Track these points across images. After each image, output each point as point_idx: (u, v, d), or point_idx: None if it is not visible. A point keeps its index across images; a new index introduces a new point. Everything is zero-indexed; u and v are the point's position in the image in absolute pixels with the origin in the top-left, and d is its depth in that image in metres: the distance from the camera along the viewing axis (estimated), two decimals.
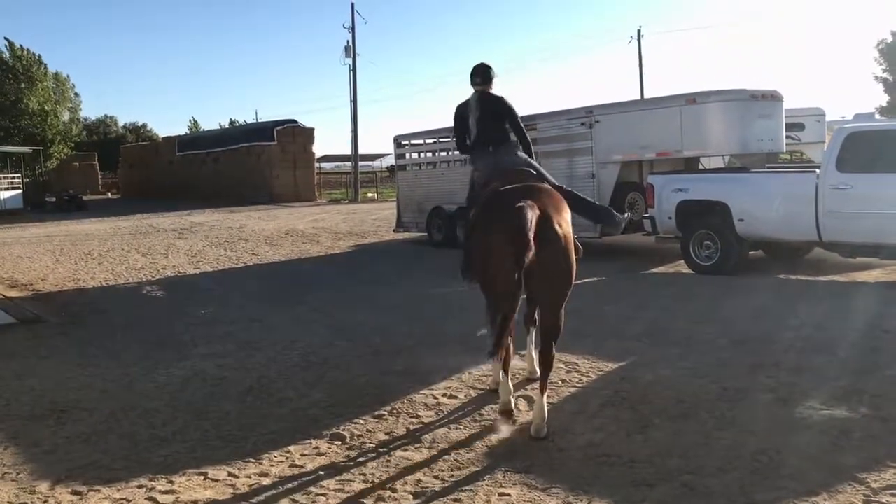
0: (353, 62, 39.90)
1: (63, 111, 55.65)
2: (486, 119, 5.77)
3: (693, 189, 10.82)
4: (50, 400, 5.97)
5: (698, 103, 11.34)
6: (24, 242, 20.35)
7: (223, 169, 41.05)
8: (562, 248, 4.73)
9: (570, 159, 12.79)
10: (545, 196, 4.93)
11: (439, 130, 16.48)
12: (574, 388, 5.82)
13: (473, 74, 5.90)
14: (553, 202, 4.92)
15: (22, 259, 16.15)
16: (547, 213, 4.69)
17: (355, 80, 40.51)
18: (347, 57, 39.62)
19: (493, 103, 5.82)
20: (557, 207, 4.90)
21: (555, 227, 4.70)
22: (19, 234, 23.35)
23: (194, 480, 4.35)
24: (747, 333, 7.18)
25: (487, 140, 5.77)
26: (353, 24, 39.81)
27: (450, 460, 4.54)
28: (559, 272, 4.79)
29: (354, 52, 39.59)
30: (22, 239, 21.68)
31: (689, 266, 10.92)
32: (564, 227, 4.80)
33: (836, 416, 4.93)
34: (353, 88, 40.55)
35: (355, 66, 40.28)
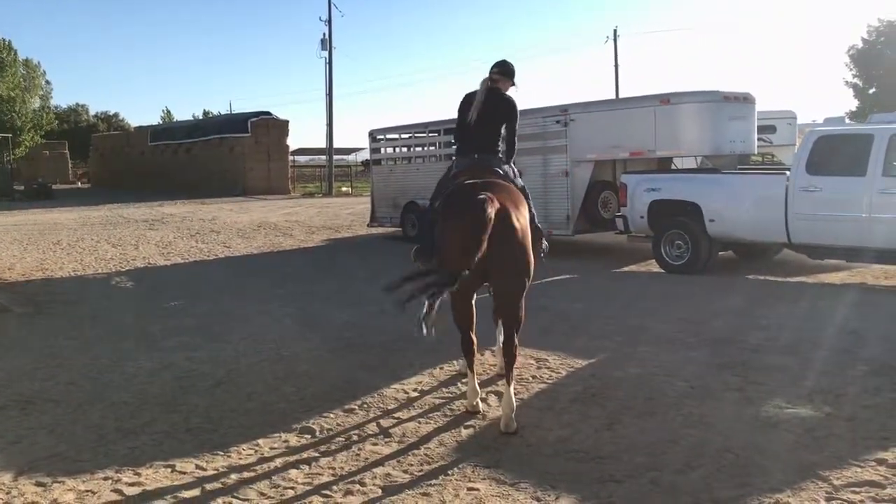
0: (329, 55, 39.78)
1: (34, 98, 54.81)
2: (486, 121, 5.55)
3: (665, 189, 10.91)
4: (15, 391, 5.88)
5: (672, 104, 11.43)
6: None
7: (196, 160, 40.68)
8: (519, 241, 4.81)
9: (545, 157, 12.83)
10: (504, 191, 5.01)
11: (415, 125, 16.48)
12: (544, 384, 5.85)
13: (496, 65, 5.72)
14: (512, 197, 5.01)
15: None
16: (505, 207, 4.75)
17: (331, 74, 40.40)
18: (323, 50, 39.47)
19: (500, 102, 5.62)
20: (516, 202, 4.98)
21: (512, 221, 4.78)
22: None
23: (161, 473, 4.31)
24: (715, 333, 7.26)
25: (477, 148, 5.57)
26: (329, 17, 39.66)
27: (419, 454, 4.55)
28: (517, 264, 4.85)
29: (330, 46, 39.44)
30: None
31: (660, 265, 11.02)
32: (522, 222, 4.88)
33: (800, 415, 5.00)
34: (328, 82, 40.44)
35: (331, 60, 40.17)
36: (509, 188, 5.17)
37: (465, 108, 5.66)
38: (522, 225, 4.89)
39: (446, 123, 14.95)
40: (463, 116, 5.66)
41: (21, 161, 49.74)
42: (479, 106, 5.59)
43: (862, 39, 40.41)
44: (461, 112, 5.70)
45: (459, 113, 5.72)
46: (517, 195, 5.13)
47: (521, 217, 4.90)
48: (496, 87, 5.68)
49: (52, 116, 56.50)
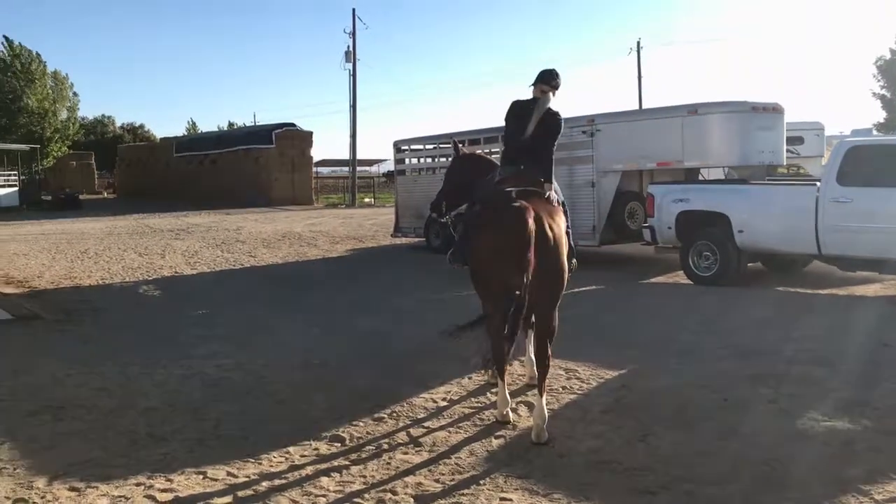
0: (354, 67, 39.95)
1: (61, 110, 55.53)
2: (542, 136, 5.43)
3: (693, 199, 10.82)
4: (47, 397, 5.93)
5: (700, 114, 11.35)
6: (20, 240, 20.26)
7: (221, 171, 40.97)
8: (553, 250, 4.78)
9: (571, 168, 12.77)
10: (540, 200, 4.98)
11: (439, 136, 16.49)
12: (574, 394, 5.80)
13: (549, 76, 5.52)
14: (547, 207, 4.99)
15: (18, 256, 16.08)
16: (539, 216, 4.73)
17: (355, 86, 40.56)
18: (348, 62, 39.64)
19: (552, 117, 5.47)
20: (551, 212, 4.96)
21: (546, 230, 4.74)
22: (15, 232, 23.25)
23: (193, 479, 4.31)
24: (747, 345, 7.17)
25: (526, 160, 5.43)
26: (353, 30, 39.84)
27: (450, 464, 4.52)
28: (551, 274, 4.82)
29: (354, 58, 39.62)
30: (18, 236, 21.58)
31: (688, 276, 10.92)
32: (556, 231, 4.85)
33: (838, 428, 4.92)
34: (352, 94, 40.58)
35: (355, 72, 40.33)
36: (545, 198, 5.14)
37: (515, 117, 5.49)
38: (556, 234, 4.86)
39: (470, 134, 14.95)
40: (514, 125, 5.48)
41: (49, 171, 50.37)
42: (538, 119, 5.46)
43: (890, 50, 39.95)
44: (511, 120, 5.51)
45: (510, 120, 5.51)
46: (553, 205, 5.10)
47: (555, 226, 4.88)
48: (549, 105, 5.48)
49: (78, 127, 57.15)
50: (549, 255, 4.78)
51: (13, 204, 36.34)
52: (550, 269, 4.82)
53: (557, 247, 4.84)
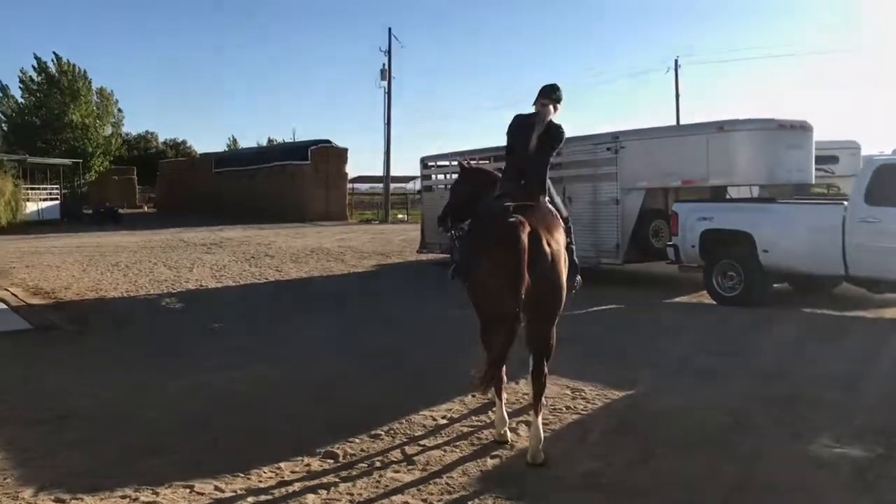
0: (389, 85, 40.26)
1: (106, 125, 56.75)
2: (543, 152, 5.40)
3: (717, 218, 10.62)
4: (54, 406, 5.96)
5: (726, 131, 11.16)
6: (56, 252, 20.60)
7: (258, 187, 41.45)
8: (549, 267, 4.67)
9: (595, 185, 12.65)
10: (539, 215, 4.88)
11: (465, 152, 16.43)
12: (578, 414, 5.67)
13: (551, 90, 5.49)
14: (546, 222, 4.88)
15: (50, 268, 16.34)
16: (536, 231, 4.63)
17: (389, 103, 40.86)
18: (383, 80, 39.98)
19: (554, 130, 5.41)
20: (549, 227, 4.84)
21: (544, 246, 4.64)
22: (52, 244, 23.67)
23: (179, 493, 4.28)
24: (765, 367, 6.97)
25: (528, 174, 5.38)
26: (389, 48, 40.19)
27: (441, 483, 4.42)
28: (548, 291, 4.71)
29: (390, 76, 39.93)
30: (54, 248, 21.95)
31: (712, 296, 10.70)
32: (554, 247, 4.73)
33: (850, 455, 4.73)
34: (387, 111, 40.89)
35: (390, 90, 40.64)
36: (544, 213, 5.05)
37: (517, 131, 5.44)
38: (554, 250, 4.75)
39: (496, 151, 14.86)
40: (516, 140, 5.45)
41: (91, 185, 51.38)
42: (540, 133, 5.42)
43: None
44: (514, 135, 5.47)
45: (512, 136, 5.48)
46: (552, 220, 4.99)
47: (552, 242, 4.77)
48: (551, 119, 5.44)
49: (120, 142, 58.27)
50: (546, 272, 4.67)
51: (54, 217, 37.03)
52: (547, 285, 4.71)
53: (555, 263, 4.74)
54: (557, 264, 4.76)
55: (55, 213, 37.81)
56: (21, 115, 49.30)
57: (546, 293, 4.72)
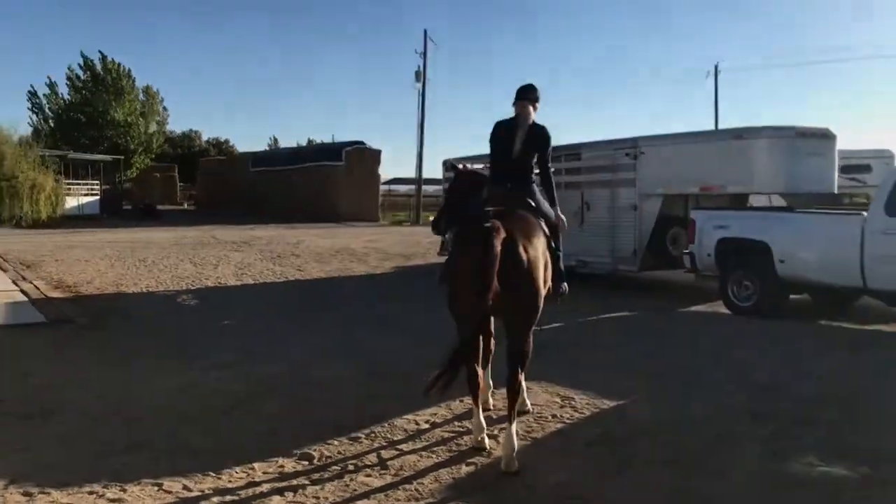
0: (423, 87, 40.29)
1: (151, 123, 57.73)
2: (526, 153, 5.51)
3: (734, 226, 10.43)
4: (45, 399, 6.05)
5: (744, 139, 10.96)
6: (89, 247, 20.99)
7: (293, 186, 41.76)
8: (526, 273, 4.63)
9: (613, 190, 12.51)
10: (519, 220, 4.87)
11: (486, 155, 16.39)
12: (563, 423, 5.60)
13: (528, 91, 5.60)
14: (525, 227, 4.85)
15: (79, 262, 16.65)
16: (512, 237, 4.60)
17: (423, 105, 40.89)
18: (417, 81, 40.05)
19: (539, 134, 5.56)
20: (528, 232, 4.81)
21: (519, 253, 4.61)
22: (87, 239, 24.12)
23: (147, 490, 4.31)
24: (766, 380, 6.83)
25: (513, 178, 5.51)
26: (424, 50, 40.22)
27: (410, 489, 4.40)
28: (523, 298, 4.68)
29: (424, 78, 39.97)
30: (88, 243, 22.36)
31: (727, 306, 10.51)
32: (531, 253, 4.70)
33: (831, 474, 4.60)
34: (420, 113, 40.94)
35: (424, 92, 40.66)
36: (525, 218, 5.02)
37: (500, 136, 5.56)
38: (531, 257, 4.72)
39: None
40: (499, 144, 5.56)
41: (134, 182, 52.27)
42: (522, 136, 5.47)
43: None
44: (497, 140, 5.59)
45: (495, 141, 5.60)
46: (532, 226, 4.96)
47: (530, 248, 4.73)
48: (532, 120, 5.58)
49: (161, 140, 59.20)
50: (521, 278, 4.64)
51: (94, 212, 37.80)
52: (521, 292, 4.68)
53: (531, 270, 4.70)
54: (534, 271, 4.72)
55: (95, 208, 38.61)
56: (67, 112, 50.34)
57: (520, 300, 4.70)
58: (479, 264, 4.45)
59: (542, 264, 4.81)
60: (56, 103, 51.41)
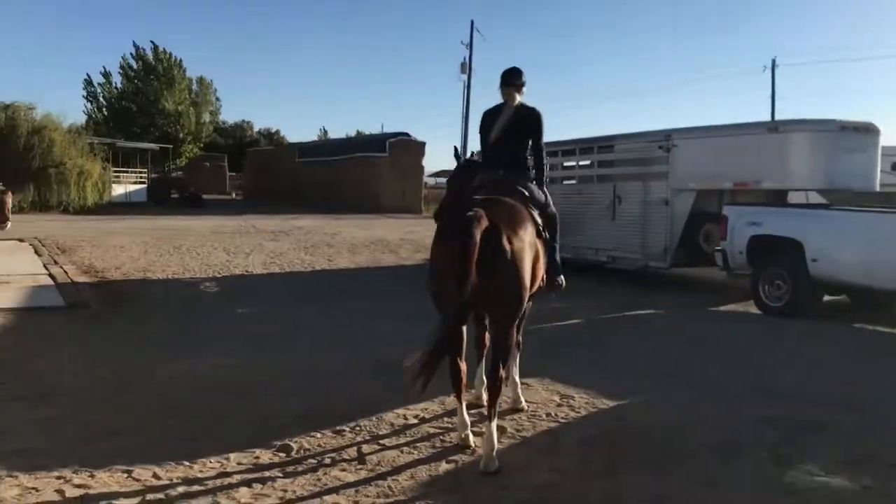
0: (469, 79, 40.10)
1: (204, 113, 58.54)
2: (513, 135, 5.38)
3: (766, 223, 10.03)
4: (43, 383, 6.05)
5: (780, 132, 10.52)
6: (129, 233, 21.27)
7: (337, 177, 41.92)
8: (508, 265, 4.43)
9: (645, 184, 12.16)
10: (505, 209, 4.66)
11: None
12: (556, 423, 5.38)
13: (512, 76, 5.45)
14: (512, 216, 4.65)
15: (114, 248, 16.84)
16: (495, 226, 4.40)
17: (468, 97, 40.69)
18: (463, 73, 39.86)
19: (527, 117, 5.42)
20: (514, 221, 4.60)
21: (503, 243, 4.41)
22: (129, 226, 24.48)
23: (115, 477, 4.22)
24: (780, 383, 6.51)
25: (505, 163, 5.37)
26: (471, 41, 40.01)
27: (382, 486, 4.24)
28: (505, 290, 4.49)
29: (470, 69, 39.77)
30: (129, 230, 22.68)
31: (758, 306, 10.12)
32: (516, 244, 4.48)
33: (830, 485, 4.31)
34: (465, 105, 40.76)
35: (470, 83, 40.46)
36: (513, 207, 4.81)
37: (487, 124, 5.46)
38: (516, 248, 4.51)
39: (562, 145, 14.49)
40: (487, 132, 5.45)
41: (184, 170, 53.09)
42: (508, 120, 5.35)
43: None
44: (484, 128, 5.48)
45: (482, 129, 5.50)
46: (519, 215, 4.75)
47: (515, 239, 4.52)
48: (521, 103, 5.45)
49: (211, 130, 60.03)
50: (503, 270, 4.44)
51: (141, 200, 38.45)
52: (503, 284, 4.48)
53: (516, 261, 4.49)
54: (518, 262, 4.51)
55: (142, 196, 39.27)
56: (119, 101, 51.33)
57: (502, 292, 4.50)
58: (458, 254, 4.28)
59: (528, 256, 4.60)
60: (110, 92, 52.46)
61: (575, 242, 13.41)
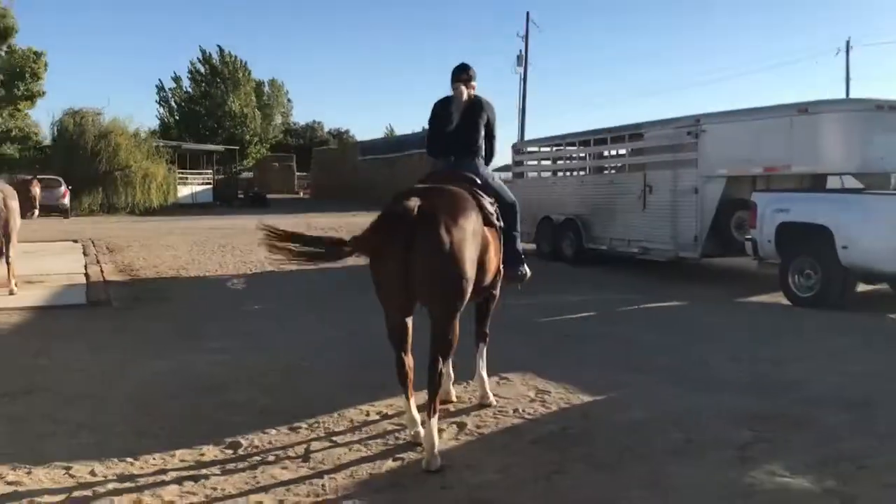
0: (525, 71, 39.71)
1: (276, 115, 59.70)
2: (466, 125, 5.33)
3: (794, 210, 9.54)
4: (34, 379, 6.15)
5: (811, 113, 9.98)
6: (185, 232, 21.81)
7: (396, 174, 42.01)
8: (444, 254, 4.27)
9: (675, 172, 11.75)
10: (444, 197, 4.51)
11: (555, 137, 15.87)
12: (521, 419, 5.19)
13: (460, 70, 5.45)
14: (452, 204, 4.49)
15: (162, 247, 17.27)
16: (434, 214, 4.25)
17: (525, 90, 40.31)
18: (519, 66, 39.48)
19: (478, 105, 5.39)
20: (453, 210, 4.43)
21: (438, 231, 4.24)
22: (187, 225, 25.12)
23: (52, 474, 4.25)
24: (783, 377, 6.17)
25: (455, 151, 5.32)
26: (526, 33, 39.60)
27: (315, 484, 4.15)
28: (441, 281, 4.35)
29: (526, 62, 39.38)
30: (187, 229, 23.25)
31: (787, 297, 9.66)
32: (454, 233, 4.31)
33: (790, 487, 4.02)
34: (521, 98, 40.40)
35: (526, 75, 40.06)
36: (454, 194, 4.66)
37: (436, 113, 5.42)
38: (455, 239, 4.34)
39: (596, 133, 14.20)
40: (435, 120, 5.41)
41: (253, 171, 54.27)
42: (460, 110, 5.27)
43: None
44: (433, 117, 5.44)
45: (431, 118, 5.46)
46: (462, 204, 4.59)
47: (453, 227, 4.35)
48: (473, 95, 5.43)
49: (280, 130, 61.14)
50: (439, 260, 4.28)
51: (207, 201, 39.44)
52: (439, 276, 4.34)
53: (454, 252, 4.32)
54: (457, 254, 4.34)
55: (208, 196, 40.29)
56: (189, 104, 52.81)
57: (437, 284, 4.35)
58: (389, 245, 4.19)
59: (469, 245, 4.43)
60: (180, 96, 54.00)
61: (608, 234, 13.14)
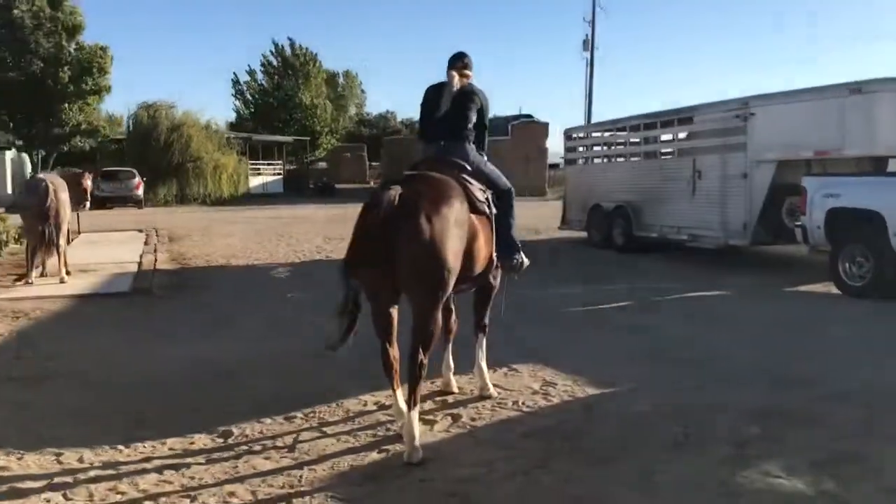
0: (591, 56, 38.98)
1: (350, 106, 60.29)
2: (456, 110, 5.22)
3: (845, 195, 9.07)
4: (54, 365, 6.34)
5: (864, 93, 9.45)
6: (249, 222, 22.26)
7: None
8: (424, 243, 4.19)
9: (724, 156, 11.33)
10: (428, 184, 4.44)
11: (606, 122, 15.54)
12: (520, 412, 5.07)
13: (456, 59, 5.41)
14: (436, 192, 4.41)
15: (221, 236, 17.65)
16: (414, 203, 4.21)
17: (591, 75, 39.55)
18: (585, 51, 38.83)
19: (471, 92, 5.30)
20: (436, 198, 4.35)
21: (419, 220, 4.17)
22: (252, 215, 25.60)
23: (41, 460, 4.33)
24: (801, 372, 5.84)
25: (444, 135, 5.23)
26: (592, 17, 38.86)
27: (293, 475, 4.12)
28: (421, 270, 4.27)
29: (592, 46, 38.63)
30: (251, 219, 23.72)
31: (837, 286, 9.21)
32: (436, 224, 4.22)
33: (782, 488, 3.80)
34: (588, 84, 39.66)
35: (592, 60, 39.31)
36: (439, 182, 4.57)
37: (428, 98, 5.33)
38: (437, 227, 4.24)
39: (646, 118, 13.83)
40: (426, 105, 5.32)
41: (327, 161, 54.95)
42: (453, 96, 5.16)
43: None
44: (425, 102, 5.35)
45: (423, 103, 5.37)
46: (446, 192, 4.48)
47: (435, 217, 4.26)
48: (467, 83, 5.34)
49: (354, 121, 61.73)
50: (419, 248, 4.20)
51: (278, 191, 40.17)
52: (420, 263, 4.25)
53: (435, 241, 4.23)
54: (438, 243, 4.25)
55: (279, 186, 41.01)
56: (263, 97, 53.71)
57: (417, 273, 4.27)
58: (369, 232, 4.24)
59: (452, 234, 4.33)
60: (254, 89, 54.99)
61: (658, 221, 12.80)
